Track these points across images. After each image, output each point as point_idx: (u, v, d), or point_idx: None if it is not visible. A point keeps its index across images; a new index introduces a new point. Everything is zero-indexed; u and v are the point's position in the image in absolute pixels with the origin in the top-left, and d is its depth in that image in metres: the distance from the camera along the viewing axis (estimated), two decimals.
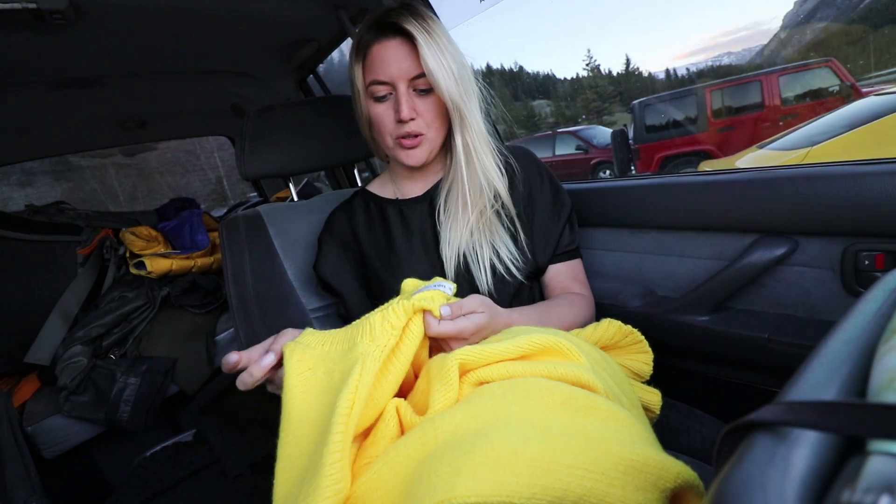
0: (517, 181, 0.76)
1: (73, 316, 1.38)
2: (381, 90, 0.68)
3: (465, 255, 0.71)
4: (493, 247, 0.71)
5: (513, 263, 0.71)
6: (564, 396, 0.40)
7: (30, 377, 1.37)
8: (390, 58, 0.66)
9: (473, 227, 0.71)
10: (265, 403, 0.78)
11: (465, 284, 0.72)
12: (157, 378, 1.28)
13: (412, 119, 0.68)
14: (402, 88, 0.67)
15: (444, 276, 0.72)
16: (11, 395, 1.29)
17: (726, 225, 0.77)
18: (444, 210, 0.73)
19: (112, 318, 1.33)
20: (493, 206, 0.72)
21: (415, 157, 0.71)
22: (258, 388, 0.51)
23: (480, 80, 0.73)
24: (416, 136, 0.69)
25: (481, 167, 0.70)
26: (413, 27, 0.64)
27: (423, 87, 0.67)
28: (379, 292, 0.76)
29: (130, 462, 0.75)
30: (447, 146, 0.76)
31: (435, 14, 0.72)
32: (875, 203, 0.60)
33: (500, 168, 0.74)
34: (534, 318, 0.64)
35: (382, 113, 0.70)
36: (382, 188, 0.83)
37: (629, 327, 0.62)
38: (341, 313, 0.82)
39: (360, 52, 0.70)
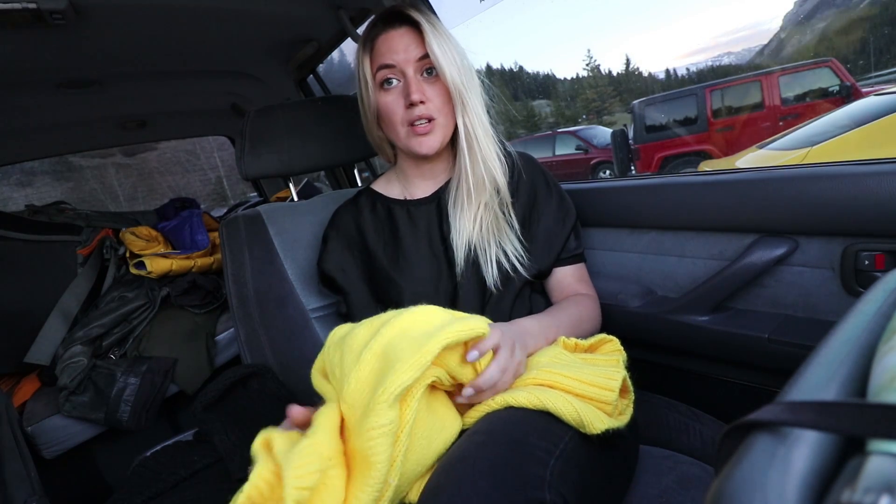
0: (521, 184, 0.77)
1: (73, 316, 1.38)
2: (389, 74, 0.70)
3: (475, 248, 0.72)
4: (500, 245, 0.72)
5: (518, 262, 0.72)
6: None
7: (30, 377, 1.37)
8: (397, 43, 0.69)
9: (482, 220, 0.72)
10: (270, 404, 0.78)
11: (473, 277, 0.73)
12: (157, 378, 1.28)
13: (422, 102, 0.69)
14: (411, 72, 0.69)
15: (452, 268, 0.73)
16: (11, 395, 1.29)
17: (726, 225, 0.77)
18: (454, 204, 0.74)
19: (112, 319, 1.33)
20: (496, 199, 0.73)
21: (427, 144, 0.71)
22: (262, 389, 0.52)
23: (483, 78, 0.75)
24: (428, 120, 0.70)
25: (482, 156, 0.71)
26: (418, 16, 0.68)
27: (429, 71, 0.70)
28: (386, 291, 0.76)
29: (130, 462, 0.75)
30: (454, 142, 0.76)
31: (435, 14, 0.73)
32: (875, 203, 0.60)
33: (501, 160, 0.75)
34: (546, 322, 0.66)
35: (392, 101, 0.71)
36: (389, 187, 0.83)
37: (604, 335, 0.66)
38: (342, 312, 0.81)
39: (367, 45, 0.72)
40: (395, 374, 0.43)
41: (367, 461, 0.42)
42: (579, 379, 0.54)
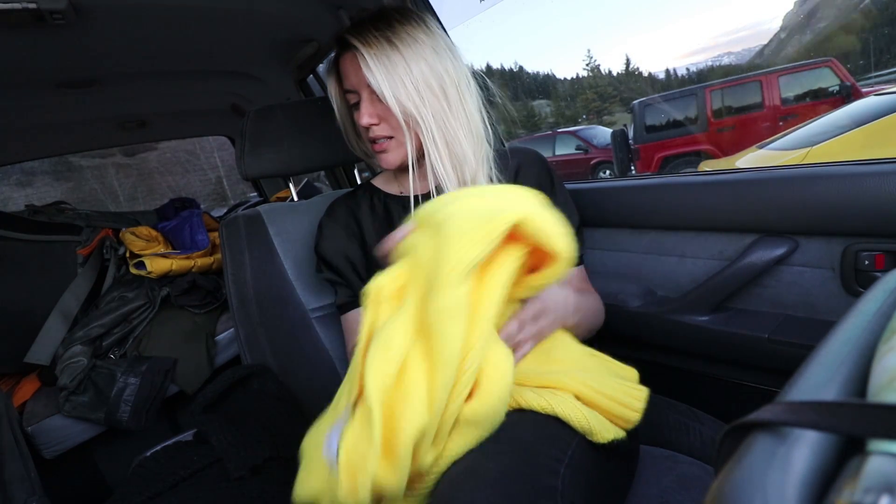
0: (523, 182, 0.76)
1: (73, 316, 1.38)
2: (353, 98, 0.72)
3: None
4: None
5: None
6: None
7: (30, 377, 1.37)
8: (349, 69, 0.70)
9: None
10: (269, 404, 0.78)
11: None
12: (157, 378, 1.28)
13: (374, 124, 0.70)
14: (365, 95, 0.70)
15: None
16: (11, 395, 1.29)
17: (726, 225, 0.77)
18: None
19: (112, 318, 1.33)
20: None
21: (385, 160, 0.73)
22: (261, 389, 0.52)
23: (479, 78, 0.73)
24: (385, 139, 0.71)
25: (438, 172, 0.69)
26: (359, 40, 0.66)
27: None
28: None
29: (130, 462, 0.75)
30: None
31: (428, 14, 0.72)
32: (875, 203, 0.60)
33: (490, 165, 0.73)
34: (578, 300, 0.67)
35: (358, 121, 0.72)
36: (387, 184, 0.83)
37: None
38: (339, 304, 0.80)
39: (335, 67, 0.74)
40: (459, 248, 0.40)
41: (436, 347, 0.40)
42: (604, 393, 0.53)
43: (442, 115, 0.68)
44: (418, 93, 0.66)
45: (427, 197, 0.76)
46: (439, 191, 0.70)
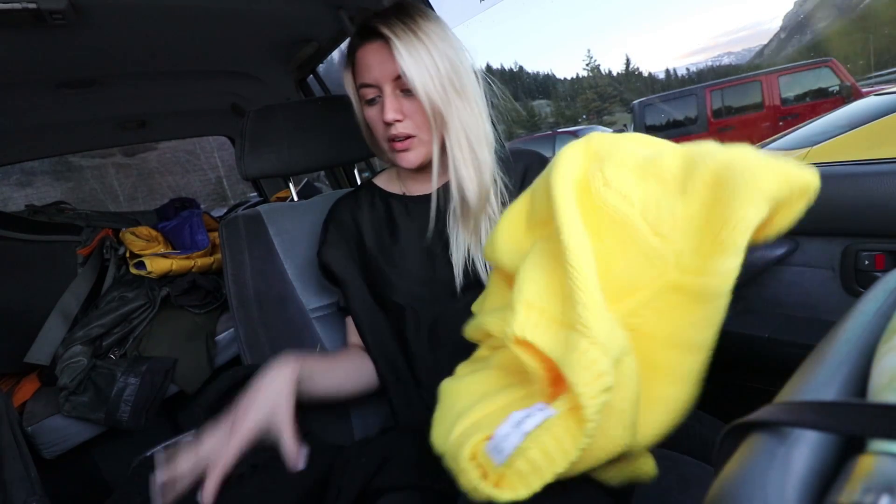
0: (529, 185, 0.76)
1: (73, 316, 1.38)
2: (370, 93, 0.69)
3: (473, 261, 0.70)
4: None
5: None
6: None
7: (30, 377, 1.37)
8: (372, 61, 0.67)
9: (483, 234, 0.70)
10: None
11: (475, 292, 0.71)
12: (157, 378, 1.28)
13: (398, 120, 0.67)
14: (388, 90, 0.67)
15: (452, 278, 0.72)
16: (11, 395, 1.29)
17: None
18: (453, 217, 0.72)
19: (112, 318, 1.33)
20: (497, 208, 0.71)
21: (407, 159, 0.70)
22: None
23: (485, 79, 0.72)
24: (406, 137, 0.68)
25: (466, 169, 0.68)
26: (389, 30, 0.63)
27: (407, 87, 0.66)
28: (379, 285, 0.76)
29: (130, 462, 0.75)
30: None
31: (432, 12, 0.71)
32: (875, 203, 0.60)
33: (499, 166, 0.73)
34: None
35: (374, 117, 0.70)
36: (389, 183, 0.83)
37: None
38: (342, 306, 0.81)
39: (350, 59, 0.71)
40: (748, 205, 0.33)
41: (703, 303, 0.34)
42: None
43: (465, 115, 0.67)
44: (444, 89, 0.64)
45: (436, 196, 0.75)
46: (460, 191, 0.69)
